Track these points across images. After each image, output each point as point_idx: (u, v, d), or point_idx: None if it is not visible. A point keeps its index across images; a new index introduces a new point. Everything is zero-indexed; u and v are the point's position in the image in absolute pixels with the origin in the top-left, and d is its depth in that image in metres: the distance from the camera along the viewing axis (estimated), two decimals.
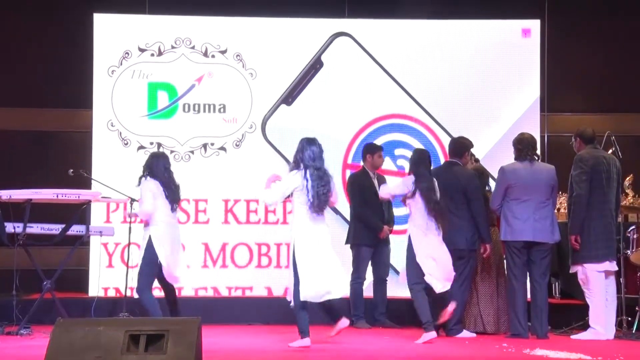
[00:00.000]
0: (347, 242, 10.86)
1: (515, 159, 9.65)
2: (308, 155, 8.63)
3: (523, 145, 9.59)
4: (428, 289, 9.10)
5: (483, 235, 9.67)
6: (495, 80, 12.15)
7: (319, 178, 8.61)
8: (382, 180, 10.76)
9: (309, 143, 8.70)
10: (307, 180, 8.58)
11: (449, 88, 12.16)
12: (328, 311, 8.74)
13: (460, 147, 9.92)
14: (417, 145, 11.62)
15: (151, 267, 8.93)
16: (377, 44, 12.18)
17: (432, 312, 9.04)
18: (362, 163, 11.00)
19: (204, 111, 11.97)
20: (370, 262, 10.68)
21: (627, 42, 12.83)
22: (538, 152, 9.86)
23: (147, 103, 11.92)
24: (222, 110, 11.99)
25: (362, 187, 10.70)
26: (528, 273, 9.56)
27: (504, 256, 9.74)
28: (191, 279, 11.31)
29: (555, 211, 10.31)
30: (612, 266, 9.43)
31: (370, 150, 10.85)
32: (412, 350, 8.55)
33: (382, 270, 10.72)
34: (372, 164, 10.78)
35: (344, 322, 8.66)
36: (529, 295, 9.62)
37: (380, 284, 10.71)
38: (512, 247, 9.50)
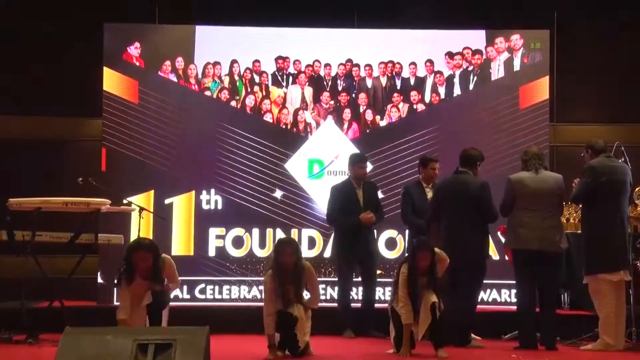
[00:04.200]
0: (331, 254, 10.47)
1: (522, 169, 9.07)
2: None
3: (529, 157, 9.01)
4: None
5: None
6: (504, 90, 11.53)
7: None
8: (370, 189, 10.11)
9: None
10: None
11: (461, 100, 11.58)
12: None
13: (472, 158, 9.28)
14: None
15: None
16: (385, 53, 11.58)
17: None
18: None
19: None
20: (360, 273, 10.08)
21: (637, 52, 12.20)
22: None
23: None
24: None
25: (340, 198, 10.02)
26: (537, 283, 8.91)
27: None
28: None
29: (564, 221, 9.75)
30: (626, 276, 8.81)
31: (350, 161, 10.16)
32: None
33: (368, 281, 10.03)
34: (355, 174, 10.05)
35: None
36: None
37: (367, 294, 10.04)
38: (519, 257, 8.90)
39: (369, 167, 11.02)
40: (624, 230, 8.81)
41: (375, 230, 10.38)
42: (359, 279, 10.16)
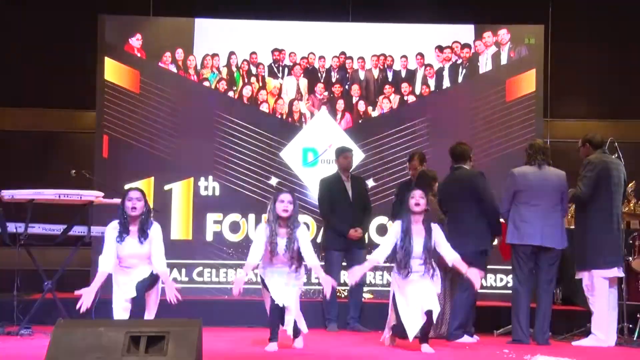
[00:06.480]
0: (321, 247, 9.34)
1: (525, 163, 7.87)
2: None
3: (533, 150, 7.81)
4: None
5: (494, 230, 7.96)
6: (491, 83, 10.40)
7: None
8: (358, 183, 9.04)
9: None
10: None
11: (450, 92, 10.45)
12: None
13: (465, 152, 8.11)
14: None
15: None
16: (378, 46, 10.47)
17: None
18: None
19: None
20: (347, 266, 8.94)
21: (631, 48, 10.86)
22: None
23: None
24: None
25: (329, 191, 8.97)
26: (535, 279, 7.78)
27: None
28: None
29: None
30: (620, 272, 7.69)
31: (336, 153, 9.19)
32: (412, 356, 6.86)
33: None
34: (339, 166, 9.02)
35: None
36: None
37: (354, 288, 8.82)
38: (520, 252, 7.70)
39: (362, 156, 10.19)
40: (619, 226, 7.71)
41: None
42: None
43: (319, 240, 10.11)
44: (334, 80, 10.48)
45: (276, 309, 6.91)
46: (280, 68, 10.46)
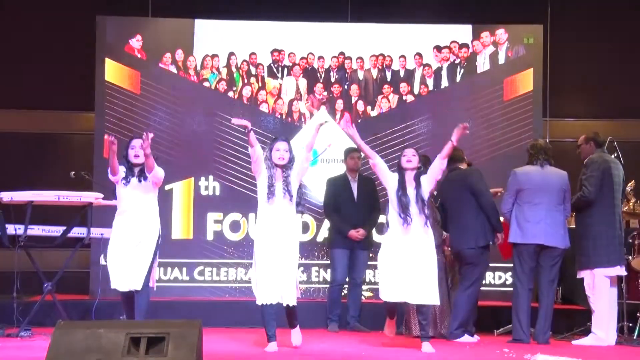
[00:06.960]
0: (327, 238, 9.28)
1: (527, 163, 7.72)
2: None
3: (535, 150, 7.67)
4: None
5: (494, 225, 7.70)
6: (489, 82, 10.22)
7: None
8: (366, 184, 8.85)
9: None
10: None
11: (448, 91, 10.27)
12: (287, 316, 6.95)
13: (457, 156, 7.91)
14: None
15: None
16: (376, 46, 10.29)
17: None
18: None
19: None
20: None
21: (630, 48, 10.63)
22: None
23: None
24: None
25: (335, 190, 8.84)
26: (536, 278, 7.64)
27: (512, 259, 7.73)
28: None
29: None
30: (622, 271, 7.55)
31: (344, 153, 9.02)
32: (412, 355, 6.66)
33: (356, 274, 8.71)
34: (347, 166, 8.90)
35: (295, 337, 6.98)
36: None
37: (353, 287, 8.73)
38: (522, 251, 7.54)
39: (361, 155, 9.82)
40: (620, 225, 7.57)
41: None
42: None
43: (319, 239, 10.03)
44: (333, 80, 10.31)
45: (266, 308, 6.75)
46: (280, 68, 10.30)
